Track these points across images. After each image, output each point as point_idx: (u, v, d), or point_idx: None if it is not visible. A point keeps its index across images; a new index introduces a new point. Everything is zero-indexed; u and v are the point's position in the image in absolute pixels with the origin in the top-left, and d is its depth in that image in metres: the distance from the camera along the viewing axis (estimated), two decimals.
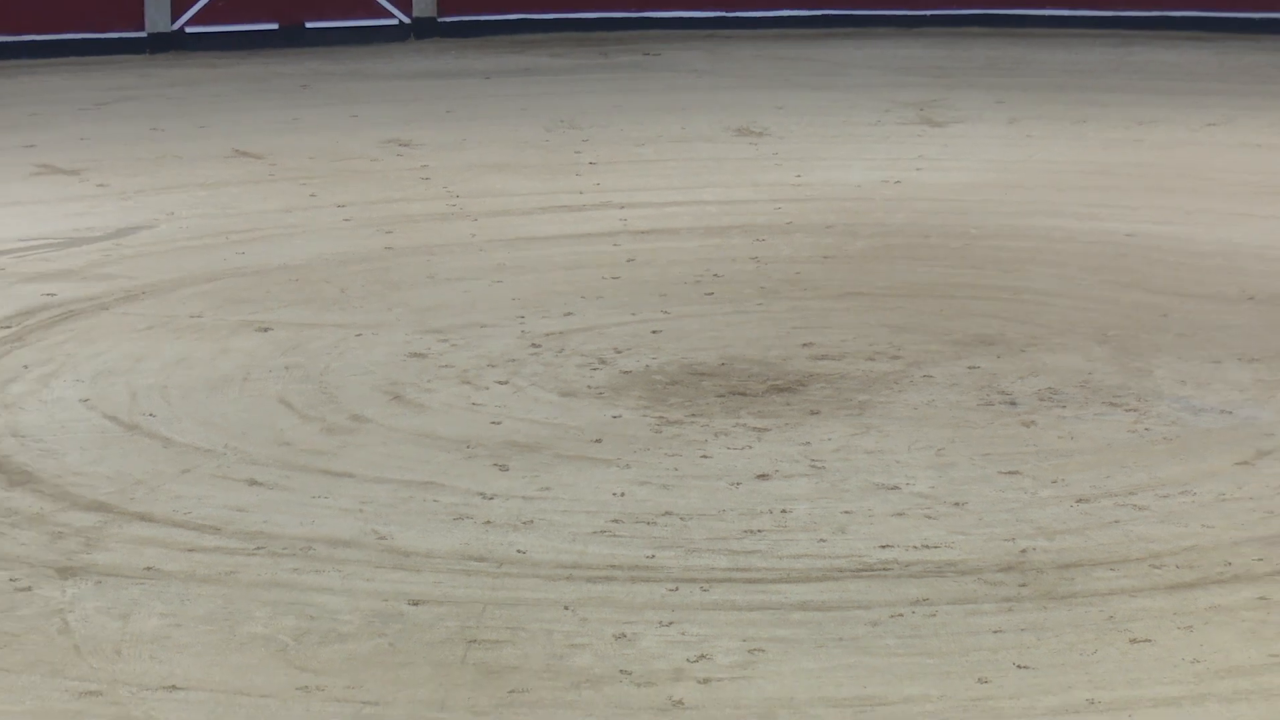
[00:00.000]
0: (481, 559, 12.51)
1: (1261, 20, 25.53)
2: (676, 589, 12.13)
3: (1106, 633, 11.58)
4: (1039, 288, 17.15)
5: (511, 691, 10.97)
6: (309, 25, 25.76)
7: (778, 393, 14.98)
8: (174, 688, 11.08)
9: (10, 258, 18.02)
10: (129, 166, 20.95)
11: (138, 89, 24.11)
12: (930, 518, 13.03)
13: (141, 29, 25.37)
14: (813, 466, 13.80)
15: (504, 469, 13.76)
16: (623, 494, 13.40)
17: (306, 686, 11.06)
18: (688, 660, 11.29)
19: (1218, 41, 25.66)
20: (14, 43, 24.79)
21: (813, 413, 14.63)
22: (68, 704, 10.93)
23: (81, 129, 22.43)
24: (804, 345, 15.86)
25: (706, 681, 11.07)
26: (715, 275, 17.51)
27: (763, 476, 13.64)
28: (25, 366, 15.58)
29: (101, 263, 17.98)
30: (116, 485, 13.58)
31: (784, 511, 13.14)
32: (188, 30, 25.39)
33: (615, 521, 13.01)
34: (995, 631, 11.59)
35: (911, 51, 25.17)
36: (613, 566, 12.41)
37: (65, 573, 12.39)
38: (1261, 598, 11.94)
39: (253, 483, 13.60)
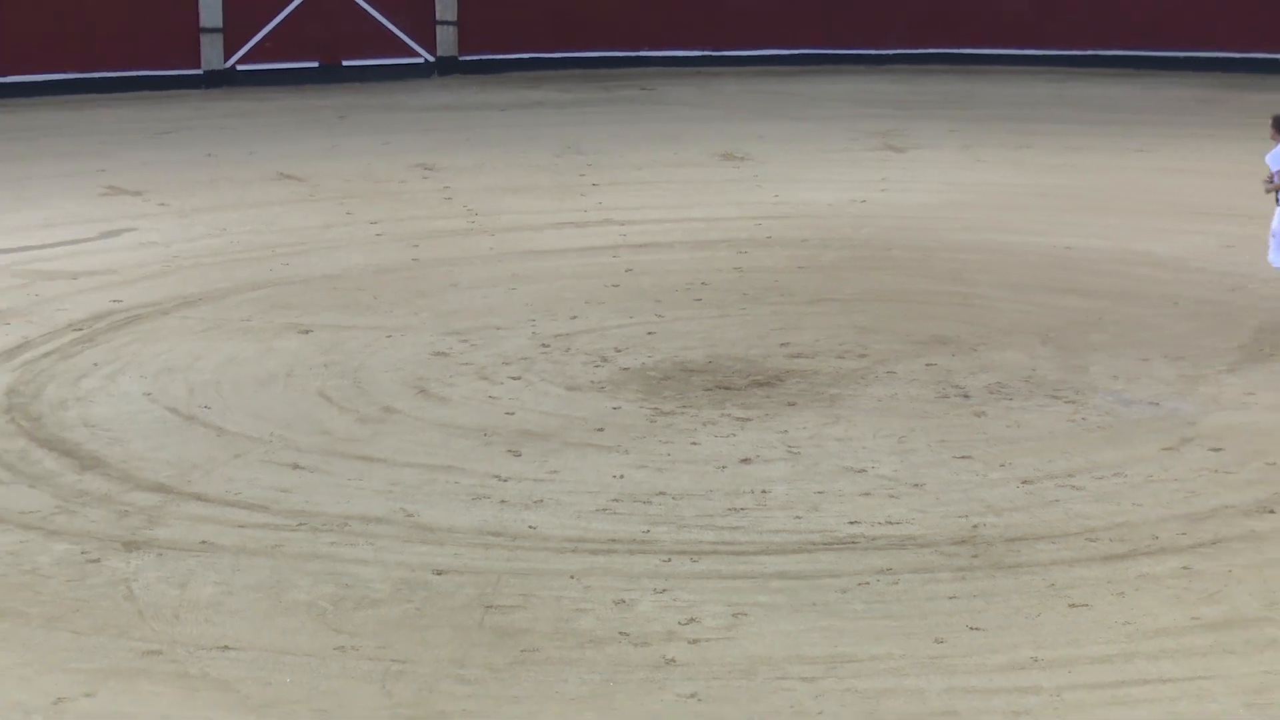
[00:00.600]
0: (497, 534, 12.51)
1: (1183, 58, 25.56)
2: (669, 560, 12.13)
3: (1048, 599, 11.59)
4: (988, 294, 17.15)
5: (523, 651, 10.98)
6: (346, 63, 25.78)
7: (758, 387, 14.99)
8: (226, 648, 11.08)
9: (81, 268, 18.04)
10: (186, 188, 20.98)
11: (194, 120, 24.18)
12: (893, 497, 13.03)
13: (198, 67, 25.40)
14: (789, 452, 13.80)
15: (517, 454, 13.77)
16: (622, 476, 13.40)
17: (343, 647, 11.07)
18: (679, 623, 11.30)
19: (1143, 77, 25.70)
20: (86, 79, 24.81)
21: (789, 404, 14.64)
22: (132, 662, 10.94)
23: (144, 155, 22.44)
24: (781, 345, 15.86)
25: (696, 642, 11.07)
26: (703, 283, 17.51)
27: (745, 461, 13.65)
28: (95, 364, 15.59)
29: (162, 273, 17.99)
30: (175, 469, 13.59)
31: (764, 492, 13.14)
32: (239, 68, 25.42)
33: (615, 501, 13.01)
34: (950, 598, 11.60)
35: (876, 87, 25.20)
36: (613, 540, 12.41)
37: (130, 546, 12.40)
38: (1185, 567, 11.95)
39: (296, 466, 13.61)
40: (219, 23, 26.06)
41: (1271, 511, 12.72)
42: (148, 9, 26.00)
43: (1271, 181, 17.55)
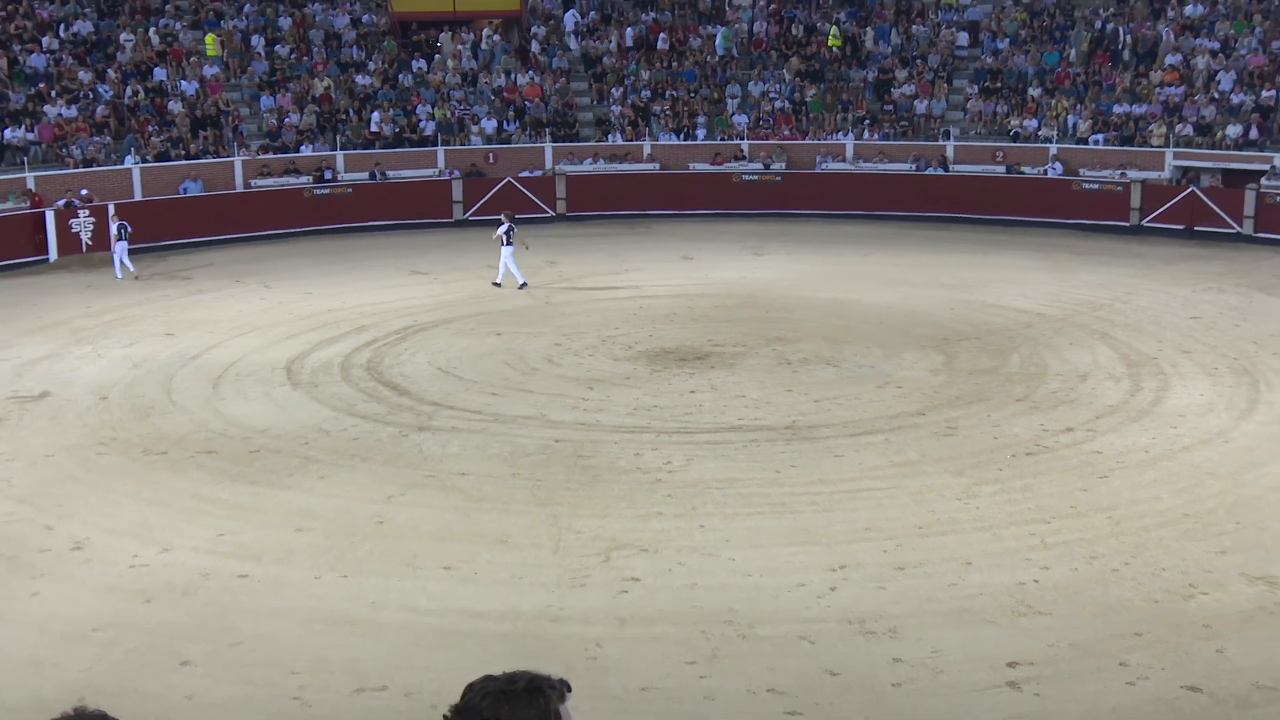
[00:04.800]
0: (582, 424, 12.61)
1: (883, 215, 25.56)
2: (658, 435, 12.23)
3: (826, 454, 11.70)
4: (800, 319, 17.20)
5: (594, 475, 11.14)
6: (517, 216, 25.83)
7: (698, 359, 15.06)
8: (462, 474, 11.21)
9: (401, 307, 18.12)
10: (447, 270, 21.02)
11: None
12: (757, 407, 13.11)
13: (451, 216, 25.42)
14: (711, 388, 13.88)
15: (591, 389, 13.84)
16: (637, 399, 13.47)
17: (514, 474, 11.21)
18: (663, 463, 11.43)
19: (868, 224, 25.66)
20: (400, 224, 24.83)
21: (711, 367, 14.73)
22: (421, 481, 11.07)
23: (428, 256, 22.48)
24: (709, 340, 15.93)
25: (671, 472, 11.23)
26: (673, 313, 17.58)
27: (693, 392, 13.72)
28: (406, 348, 15.70)
29: (434, 308, 18.07)
30: (440, 395, 13.67)
31: (700, 406, 13.22)
32: (470, 218, 25.43)
33: (634, 410, 13.07)
34: (782, 452, 11.71)
35: (749, 227, 25.16)
36: (634, 427, 12.50)
37: (420, 429, 12.51)
38: (886, 439, 12.01)
39: (493, 394, 13.70)
40: (461, 198, 26.11)
41: (923, 414, 12.84)
42: (429, 197, 26.02)
43: (506, 242, 19.34)
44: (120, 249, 20.51)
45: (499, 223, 20.14)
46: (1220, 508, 10.25)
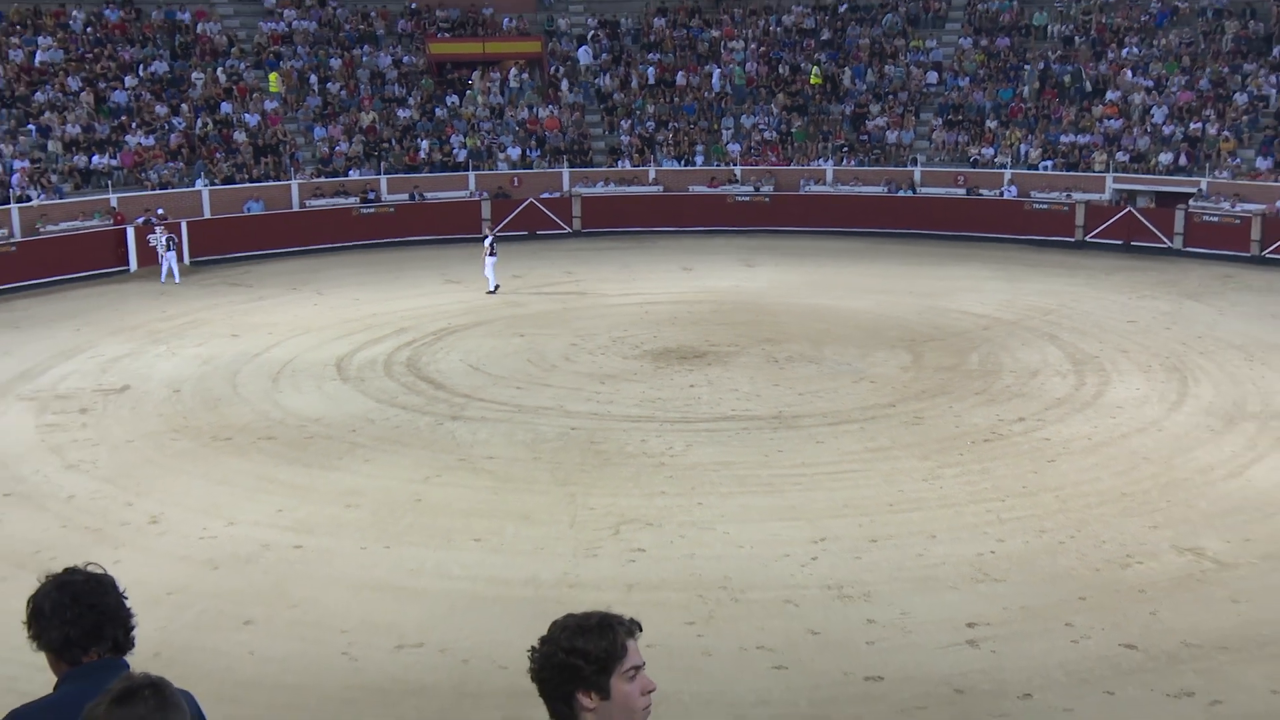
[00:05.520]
0: (596, 414, 12.58)
1: (862, 231, 25.52)
2: (662, 424, 12.21)
3: (808, 440, 11.66)
4: (786, 322, 17.15)
5: (606, 459, 11.11)
6: (538, 232, 25.76)
7: (696, 357, 15.04)
8: (490, 456, 11.20)
9: (436, 312, 18.12)
10: (477, 279, 20.98)
11: (478, 254, 24.22)
12: (749, 400, 13.07)
13: (480, 233, 25.39)
14: (708, 383, 13.85)
15: (603, 383, 13.81)
16: (643, 392, 13.43)
17: (536, 458, 11.18)
18: (667, 448, 11.42)
19: (840, 239, 25.61)
20: (436, 239, 24.84)
21: (709, 364, 14.69)
22: (453, 464, 11.04)
23: (458, 267, 22.42)
24: (706, 340, 15.90)
25: (673, 456, 11.20)
26: (675, 317, 17.54)
27: (692, 386, 13.68)
28: (441, 347, 15.68)
29: (465, 313, 18.05)
30: (471, 388, 13.63)
31: (698, 397, 13.19)
32: (498, 233, 25.42)
33: (642, 401, 13.04)
34: (770, 439, 11.68)
35: (742, 242, 25.09)
36: (640, 416, 12.47)
37: (453, 418, 12.49)
38: (861, 428, 11.98)
39: (518, 388, 13.66)
40: (489, 216, 26.09)
41: (894, 406, 12.79)
42: (461, 216, 26.05)
43: (490, 253, 19.51)
44: (169, 259, 20.96)
45: (486, 236, 20.50)
46: (1154, 488, 10.23)
